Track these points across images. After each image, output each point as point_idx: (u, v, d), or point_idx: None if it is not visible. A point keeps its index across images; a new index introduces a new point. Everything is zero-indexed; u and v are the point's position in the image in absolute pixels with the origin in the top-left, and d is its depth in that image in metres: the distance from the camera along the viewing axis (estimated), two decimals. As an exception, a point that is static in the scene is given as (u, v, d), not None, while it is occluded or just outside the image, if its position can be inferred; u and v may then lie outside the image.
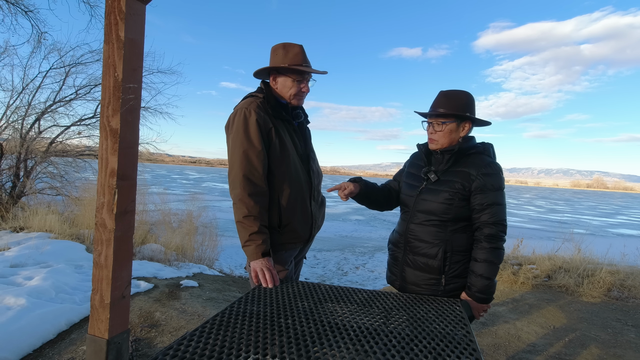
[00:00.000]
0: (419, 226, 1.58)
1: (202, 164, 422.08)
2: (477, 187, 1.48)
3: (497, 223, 1.47)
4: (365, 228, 12.60)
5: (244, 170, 1.47)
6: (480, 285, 1.45)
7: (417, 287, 1.59)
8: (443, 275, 1.53)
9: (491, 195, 1.48)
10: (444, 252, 1.52)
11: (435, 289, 1.55)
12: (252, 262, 1.47)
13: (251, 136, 1.49)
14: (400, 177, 1.83)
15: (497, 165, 1.54)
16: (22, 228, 5.14)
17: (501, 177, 1.52)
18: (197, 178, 47.15)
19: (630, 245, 6.89)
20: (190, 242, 5.54)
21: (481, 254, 1.46)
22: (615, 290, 4.19)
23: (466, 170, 1.52)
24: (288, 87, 1.63)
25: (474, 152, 1.57)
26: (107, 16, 1.21)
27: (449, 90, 1.59)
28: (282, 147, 1.56)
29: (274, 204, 1.55)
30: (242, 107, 1.53)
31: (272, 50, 1.64)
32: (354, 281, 5.98)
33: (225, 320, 1.08)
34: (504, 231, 1.48)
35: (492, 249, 1.45)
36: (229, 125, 1.57)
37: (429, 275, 1.55)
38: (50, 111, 6.74)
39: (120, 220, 1.25)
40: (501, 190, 1.51)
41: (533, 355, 2.74)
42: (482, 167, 1.50)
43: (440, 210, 1.52)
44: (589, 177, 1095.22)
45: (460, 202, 1.51)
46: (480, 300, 1.47)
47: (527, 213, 23.89)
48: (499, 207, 1.48)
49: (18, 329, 2.24)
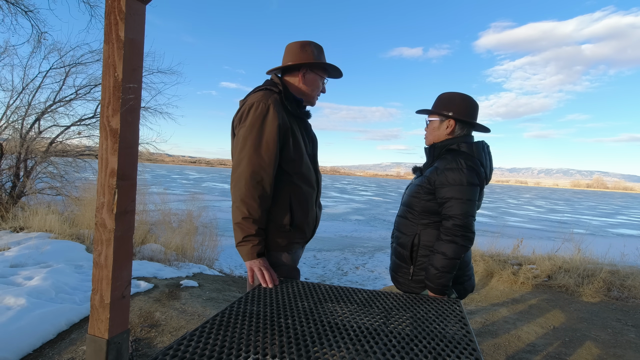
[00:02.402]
0: (399, 218, 1.75)
1: (202, 164, 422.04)
2: (440, 181, 1.54)
3: (454, 217, 1.48)
4: (365, 228, 12.60)
5: (252, 171, 1.38)
6: (431, 276, 1.51)
7: (395, 275, 1.73)
8: (412, 265, 1.63)
9: (451, 190, 1.50)
10: (412, 244, 1.62)
11: (406, 277, 1.66)
12: (249, 262, 1.45)
13: (267, 134, 1.39)
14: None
15: (463, 162, 1.52)
16: (22, 228, 5.14)
17: (465, 172, 1.51)
18: (197, 178, 47.16)
19: (630, 245, 6.89)
20: (190, 242, 5.54)
21: (436, 245, 1.53)
22: (615, 290, 4.19)
23: (435, 166, 1.60)
24: (316, 85, 1.61)
25: (450, 149, 1.62)
26: (107, 16, 1.21)
27: (444, 92, 1.71)
28: (296, 147, 1.51)
29: (286, 204, 1.50)
30: (261, 101, 1.41)
31: (300, 46, 1.56)
32: (354, 281, 5.98)
33: (225, 320, 1.08)
34: (461, 225, 1.47)
35: (445, 242, 1.49)
36: (242, 117, 1.43)
37: (403, 264, 1.67)
38: (50, 111, 6.74)
39: (120, 220, 1.25)
40: (463, 185, 1.49)
41: (533, 355, 2.74)
42: (448, 163, 1.55)
43: (410, 203, 1.66)
44: (589, 177, 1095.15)
45: (426, 195, 1.59)
46: (433, 290, 1.52)
47: (527, 213, 23.89)
48: (458, 201, 1.49)
49: (18, 329, 2.24)
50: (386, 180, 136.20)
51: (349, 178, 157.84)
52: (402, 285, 1.70)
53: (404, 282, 1.67)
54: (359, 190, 42.97)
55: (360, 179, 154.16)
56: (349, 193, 35.62)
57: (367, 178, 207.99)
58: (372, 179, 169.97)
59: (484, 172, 1.59)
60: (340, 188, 45.28)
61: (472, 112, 1.64)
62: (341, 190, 39.37)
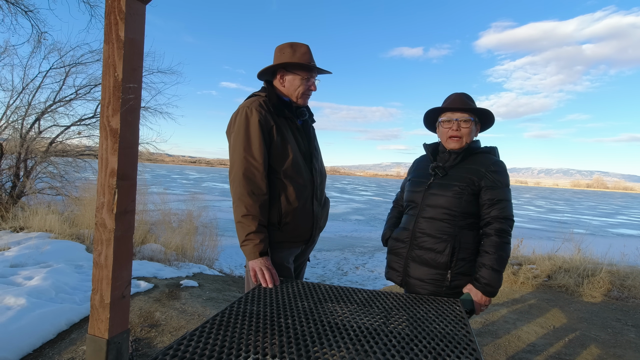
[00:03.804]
0: (427, 221, 1.59)
1: (202, 164, 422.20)
2: (487, 183, 1.53)
3: (506, 218, 1.51)
4: (365, 228, 12.61)
5: (244, 169, 1.47)
6: (490, 277, 1.46)
7: (420, 282, 1.58)
8: (449, 271, 1.54)
9: (500, 192, 1.53)
10: (452, 248, 1.53)
11: (439, 284, 1.55)
12: (251, 261, 1.46)
13: (252, 135, 1.49)
14: (404, 185, 1.86)
15: (504, 164, 1.60)
16: (22, 228, 5.14)
17: (508, 175, 1.59)
18: (197, 178, 47.15)
19: (630, 245, 6.89)
20: (190, 242, 5.54)
21: (491, 247, 1.48)
22: (615, 290, 4.19)
23: (475, 167, 1.57)
24: (296, 85, 1.63)
25: (481, 152, 1.64)
26: (107, 16, 1.21)
27: (462, 93, 1.67)
28: (283, 145, 1.56)
29: (275, 202, 1.55)
30: (244, 106, 1.54)
31: (279, 49, 1.64)
32: (354, 281, 5.98)
33: (225, 320, 1.08)
34: (512, 226, 1.53)
35: (502, 243, 1.48)
36: (230, 125, 1.57)
37: (435, 271, 1.55)
38: (50, 111, 6.75)
39: (120, 220, 1.25)
40: (508, 187, 1.57)
41: (533, 355, 2.74)
42: (491, 165, 1.56)
43: (450, 204, 1.55)
44: (589, 177, 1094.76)
45: (469, 196, 1.55)
46: (487, 292, 1.48)
47: (527, 213, 23.89)
48: (508, 203, 1.54)
49: (18, 329, 2.24)
50: (386, 180, 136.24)
51: (349, 178, 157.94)
52: (432, 294, 1.55)
53: (436, 290, 1.55)
54: (359, 190, 42.97)
55: (360, 179, 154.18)
56: (349, 193, 35.64)
57: (367, 178, 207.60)
58: (372, 179, 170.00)
59: None
60: (340, 188, 45.29)
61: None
62: (341, 190, 39.39)
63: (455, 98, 1.65)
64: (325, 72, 1.71)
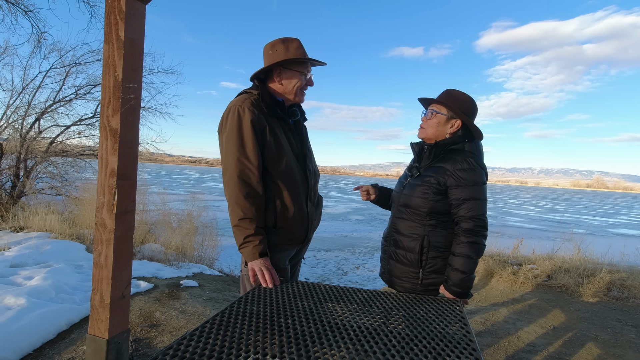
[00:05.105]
0: (401, 220, 1.65)
1: (202, 164, 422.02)
2: (453, 182, 1.51)
3: (474, 217, 1.47)
4: (365, 228, 12.60)
5: (239, 172, 1.43)
6: (456, 279, 1.46)
7: (399, 280, 1.64)
8: (421, 269, 1.57)
9: (467, 190, 1.49)
10: (421, 247, 1.56)
11: (414, 282, 1.59)
12: (250, 262, 1.46)
13: (245, 136, 1.44)
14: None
15: (474, 161, 1.53)
16: (22, 228, 5.14)
17: (478, 172, 1.51)
18: (197, 178, 47.15)
19: (630, 245, 6.89)
20: (190, 242, 5.54)
21: (458, 248, 1.48)
22: (615, 290, 4.19)
23: (442, 166, 1.55)
24: (294, 82, 1.58)
25: (454, 149, 1.59)
26: (107, 16, 1.21)
27: (454, 89, 1.64)
28: (277, 147, 1.52)
29: (270, 205, 1.52)
30: (236, 105, 1.48)
31: (270, 47, 1.57)
32: (354, 281, 5.99)
33: (225, 320, 1.08)
34: (482, 225, 1.48)
35: (469, 243, 1.46)
36: (222, 124, 1.52)
37: (409, 269, 1.60)
38: (50, 111, 6.75)
39: (120, 220, 1.25)
40: (478, 185, 1.50)
41: (533, 355, 2.74)
42: (458, 163, 1.52)
43: (415, 204, 1.58)
44: (589, 177, 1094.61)
45: (434, 196, 1.54)
46: (456, 294, 1.47)
47: (527, 213, 23.89)
48: (476, 201, 1.49)
49: (18, 329, 2.24)
50: (386, 180, 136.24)
51: (349, 178, 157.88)
52: (408, 291, 1.62)
53: (412, 288, 1.60)
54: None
55: (361, 179, 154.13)
56: (349, 193, 35.63)
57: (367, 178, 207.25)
58: (372, 179, 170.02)
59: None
60: (340, 188, 45.27)
61: (475, 117, 1.66)
62: (341, 190, 39.37)
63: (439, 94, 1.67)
64: (321, 63, 1.65)
